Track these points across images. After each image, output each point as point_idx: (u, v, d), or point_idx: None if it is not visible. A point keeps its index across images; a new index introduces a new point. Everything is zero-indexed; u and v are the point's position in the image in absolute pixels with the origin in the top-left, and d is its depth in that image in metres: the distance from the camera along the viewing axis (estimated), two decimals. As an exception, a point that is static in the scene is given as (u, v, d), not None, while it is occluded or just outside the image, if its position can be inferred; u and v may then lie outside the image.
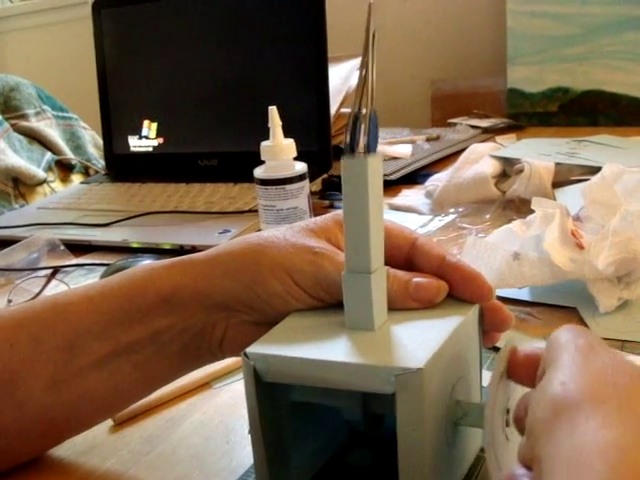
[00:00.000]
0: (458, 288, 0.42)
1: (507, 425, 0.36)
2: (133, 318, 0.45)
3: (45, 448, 0.50)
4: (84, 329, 0.45)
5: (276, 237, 0.44)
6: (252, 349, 0.38)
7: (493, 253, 0.63)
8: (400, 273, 0.42)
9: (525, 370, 0.35)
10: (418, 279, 0.42)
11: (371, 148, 0.37)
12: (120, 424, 0.54)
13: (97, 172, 1.48)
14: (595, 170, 0.78)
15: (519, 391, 0.40)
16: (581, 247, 0.61)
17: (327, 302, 0.43)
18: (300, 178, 0.79)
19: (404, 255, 0.44)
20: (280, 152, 0.79)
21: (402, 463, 0.35)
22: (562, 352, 0.32)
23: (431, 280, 0.42)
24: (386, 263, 0.40)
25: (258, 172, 0.80)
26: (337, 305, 0.41)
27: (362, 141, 0.37)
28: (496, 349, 0.56)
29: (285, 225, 0.47)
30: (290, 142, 0.80)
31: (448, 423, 0.38)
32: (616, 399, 0.28)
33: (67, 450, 0.51)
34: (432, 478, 0.36)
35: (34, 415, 0.46)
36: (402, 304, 0.42)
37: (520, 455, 0.31)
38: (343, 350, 0.37)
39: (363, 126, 0.37)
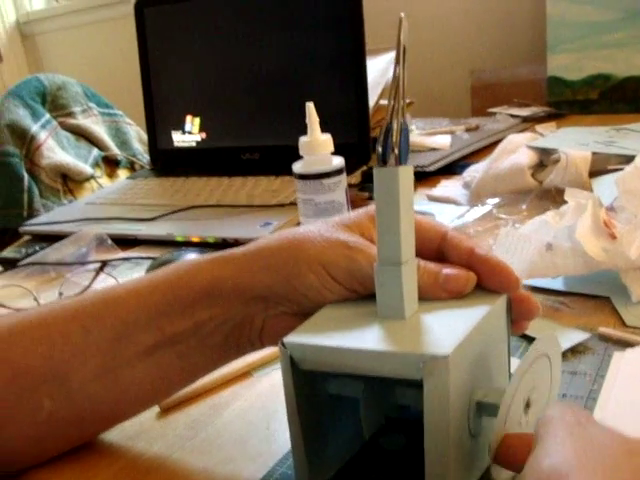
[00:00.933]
0: (486, 279, 0.44)
1: (525, 414, 0.38)
2: (177, 311, 0.47)
3: (96, 433, 0.52)
4: (131, 321, 0.48)
5: (312, 232, 0.46)
6: (289, 339, 0.40)
7: (526, 244, 0.64)
8: (430, 265, 0.44)
9: (520, 456, 0.35)
10: (448, 270, 0.43)
11: (402, 159, 0.39)
12: (166, 411, 0.56)
13: (142, 167, 1.52)
14: (632, 159, 0.79)
15: (546, 382, 0.41)
16: (613, 237, 0.62)
17: (361, 294, 0.45)
18: (337, 172, 0.81)
19: (435, 247, 0.46)
20: (317, 147, 0.81)
21: (428, 447, 0.37)
22: (549, 429, 0.32)
23: (460, 271, 0.44)
24: (417, 255, 0.42)
25: (297, 167, 0.82)
26: (370, 297, 0.43)
27: (394, 152, 0.39)
28: (525, 337, 0.58)
29: (321, 220, 0.49)
30: (327, 137, 0.82)
31: (472, 412, 0.39)
32: (601, 470, 0.28)
33: (117, 435, 0.53)
34: (456, 462, 0.37)
35: (85, 402, 0.48)
36: (432, 294, 0.43)
37: None
38: (374, 339, 0.39)
39: (395, 137, 0.39)
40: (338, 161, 0.82)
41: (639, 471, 0.29)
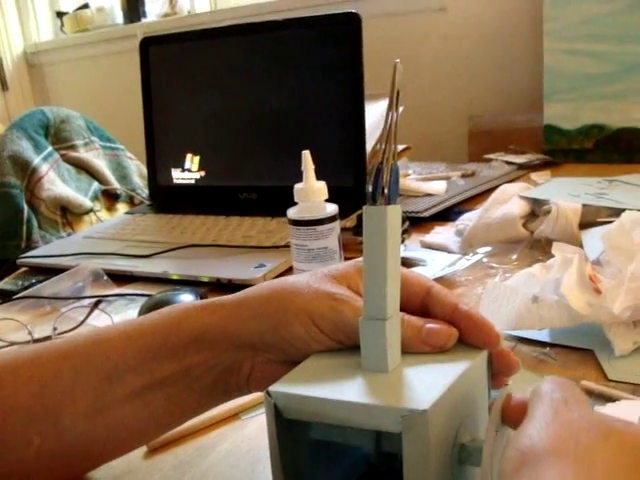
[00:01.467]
0: (468, 334, 0.45)
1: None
2: (167, 354, 0.48)
3: (84, 471, 0.53)
4: (122, 363, 0.48)
5: (300, 283, 0.48)
6: (274, 388, 0.41)
7: (513, 296, 0.65)
8: (414, 319, 0.45)
9: (517, 416, 0.37)
10: (431, 325, 0.45)
11: (391, 199, 0.40)
12: (153, 451, 0.57)
13: (142, 201, 1.53)
14: (622, 212, 0.80)
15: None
16: (598, 292, 0.63)
17: (346, 344, 0.46)
18: (331, 219, 0.82)
19: (419, 301, 0.47)
20: (312, 194, 0.82)
21: None
22: (538, 404, 0.35)
23: (443, 327, 0.45)
24: (402, 309, 0.43)
25: (291, 213, 0.83)
26: (355, 347, 0.44)
27: (384, 192, 0.40)
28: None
29: (317, 266, 0.51)
30: (322, 185, 0.83)
31: (454, 462, 0.40)
32: (574, 455, 0.30)
33: (104, 473, 0.53)
34: None
35: (74, 441, 0.49)
36: (415, 348, 0.44)
37: None
38: (357, 391, 0.40)
39: (385, 178, 0.40)
40: (332, 208, 0.83)
41: (612, 456, 0.31)
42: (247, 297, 0.49)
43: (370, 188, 0.40)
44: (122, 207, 1.56)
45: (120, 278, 1.02)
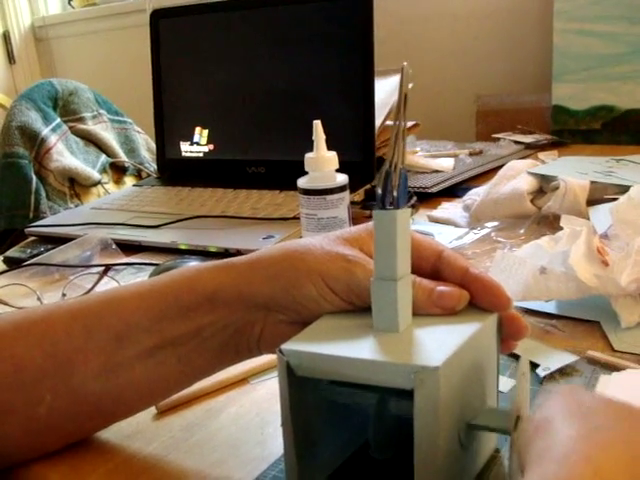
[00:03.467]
0: (478, 297, 0.45)
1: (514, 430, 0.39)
2: (178, 314, 0.49)
3: (94, 430, 0.54)
4: (133, 323, 0.49)
5: (313, 245, 0.48)
6: (286, 346, 0.42)
7: (521, 267, 0.65)
8: (425, 281, 0.46)
9: None
10: (442, 287, 0.45)
11: (400, 203, 0.41)
12: (163, 412, 0.57)
13: (149, 175, 1.54)
14: (629, 189, 0.80)
15: (526, 398, 0.43)
16: (606, 264, 0.64)
17: (357, 306, 0.46)
18: (341, 189, 0.82)
19: (431, 265, 0.47)
20: (322, 164, 0.83)
21: (417, 456, 0.38)
22: (545, 399, 0.36)
23: (454, 289, 0.45)
24: (413, 272, 0.44)
25: (301, 182, 0.84)
26: (366, 309, 0.45)
27: (392, 195, 0.41)
28: (514, 356, 0.59)
29: (322, 234, 0.51)
30: (332, 155, 0.83)
31: (462, 423, 0.41)
32: (581, 415, 0.33)
33: (114, 433, 0.54)
34: (445, 472, 0.39)
35: (85, 399, 0.49)
36: (426, 310, 0.45)
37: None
38: (369, 349, 0.41)
39: (394, 182, 0.41)
40: (342, 178, 0.83)
41: (618, 415, 0.33)
42: (260, 258, 0.49)
43: (380, 192, 0.41)
44: (129, 180, 1.57)
45: (128, 248, 1.03)
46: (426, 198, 1.14)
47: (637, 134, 1.50)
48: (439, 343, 0.40)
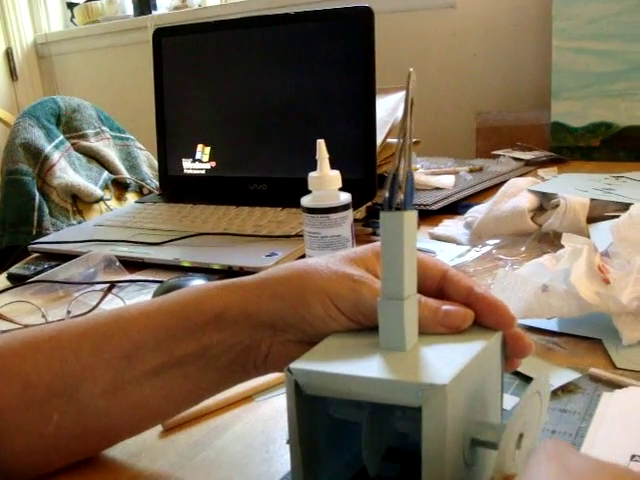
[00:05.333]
0: (483, 316, 0.46)
1: (517, 448, 0.40)
2: (186, 333, 0.49)
3: (100, 449, 0.54)
4: (141, 341, 0.49)
5: (319, 265, 0.48)
6: (295, 365, 0.42)
7: (523, 285, 0.66)
8: (431, 301, 0.46)
9: None
10: (447, 307, 0.46)
11: (407, 205, 0.41)
12: (169, 430, 0.58)
13: (150, 191, 1.55)
14: (629, 206, 0.81)
15: (536, 417, 0.43)
16: (607, 282, 0.65)
17: (364, 325, 0.47)
18: (344, 208, 0.83)
19: (436, 284, 0.48)
20: (326, 183, 0.83)
21: (425, 472, 0.38)
22: (531, 459, 0.34)
23: (459, 308, 0.46)
24: (419, 291, 0.44)
25: (305, 201, 0.84)
26: (372, 328, 0.45)
27: (399, 198, 0.41)
28: (517, 374, 0.60)
29: (328, 253, 0.51)
30: (336, 173, 0.84)
31: (467, 440, 0.41)
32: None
33: (120, 451, 0.54)
34: None
35: (92, 418, 0.50)
36: (432, 329, 0.45)
37: None
38: (376, 367, 0.41)
39: (401, 184, 0.41)
40: (345, 197, 0.84)
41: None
42: (267, 277, 0.50)
43: (387, 194, 0.41)
44: (131, 196, 1.58)
45: (132, 265, 1.03)
46: (427, 215, 1.15)
47: (635, 151, 1.52)
48: (445, 361, 0.41)
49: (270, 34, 1.25)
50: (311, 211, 0.83)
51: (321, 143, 0.83)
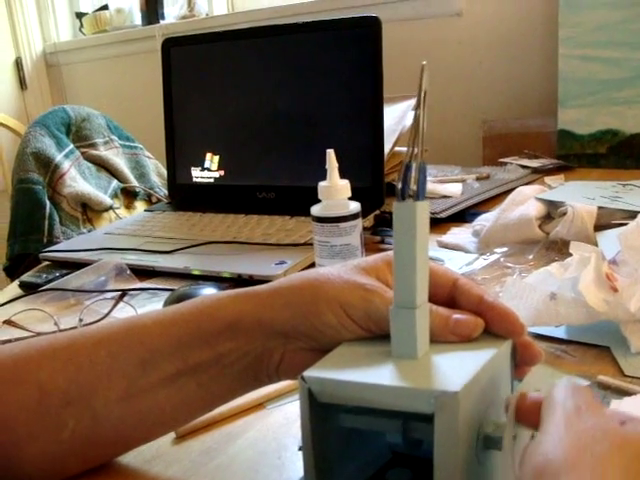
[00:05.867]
0: (493, 324, 0.47)
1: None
2: (200, 341, 0.50)
3: (115, 455, 0.54)
4: (156, 349, 0.50)
5: (331, 274, 0.49)
6: (308, 373, 0.43)
7: (531, 293, 0.67)
8: (442, 309, 0.47)
9: (531, 415, 0.39)
10: (458, 315, 0.46)
11: (420, 195, 0.42)
12: (182, 437, 0.58)
13: (159, 200, 1.56)
14: (636, 214, 0.82)
15: None
16: (615, 290, 0.65)
17: (375, 333, 0.48)
18: (354, 217, 0.84)
19: (446, 293, 0.49)
20: (336, 192, 0.84)
21: (437, 478, 0.39)
22: (551, 414, 0.36)
23: (469, 317, 0.47)
24: (430, 300, 0.45)
25: (315, 210, 0.85)
26: (384, 336, 0.46)
27: (412, 188, 0.42)
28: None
29: (339, 262, 0.52)
30: (345, 183, 0.85)
31: (480, 444, 0.42)
32: (590, 466, 0.31)
33: (134, 457, 0.55)
34: None
35: (107, 425, 0.50)
36: (443, 337, 0.46)
37: None
38: (389, 375, 0.42)
39: (414, 175, 0.42)
40: (355, 206, 0.85)
41: (627, 466, 0.32)
42: (280, 287, 0.50)
43: (400, 185, 0.42)
44: (140, 205, 1.59)
45: (142, 273, 1.04)
46: (435, 224, 1.15)
47: (642, 158, 1.52)
48: (457, 369, 0.42)
49: (278, 44, 1.26)
50: (321, 220, 0.83)
51: (331, 153, 0.84)
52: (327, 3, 2.08)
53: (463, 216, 1.19)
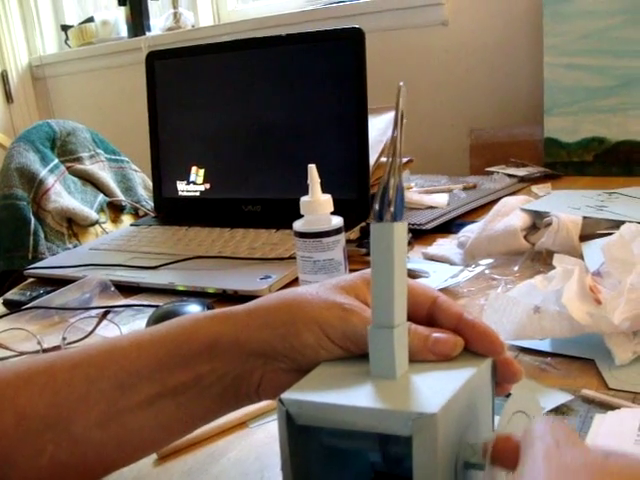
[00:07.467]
0: (473, 343, 0.46)
1: None
2: (179, 363, 0.49)
3: (95, 478, 0.53)
4: (134, 372, 0.50)
5: (309, 293, 0.49)
6: (286, 395, 0.43)
7: (515, 307, 0.66)
8: (421, 328, 0.47)
9: (510, 457, 0.37)
10: (437, 334, 0.46)
11: (397, 217, 0.42)
12: (163, 458, 0.58)
13: (147, 213, 1.55)
14: (621, 224, 0.82)
15: None
16: (599, 302, 0.65)
17: (354, 353, 0.47)
18: (336, 232, 0.83)
19: (425, 311, 0.49)
20: (318, 207, 0.84)
21: None
22: (529, 451, 0.34)
23: (449, 336, 0.46)
24: (409, 319, 0.45)
25: (297, 225, 0.85)
26: (363, 355, 0.46)
27: (390, 209, 0.42)
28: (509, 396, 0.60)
29: (322, 277, 0.52)
30: (328, 198, 0.85)
31: (460, 465, 0.41)
32: None
33: (115, 480, 0.55)
34: None
35: (87, 448, 0.50)
36: (422, 356, 0.46)
37: None
38: (367, 396, 0.42)
39: (391, 195, 0.42)
40: (337, 221, 0.84)
41: None
42: (258, 307, 0.50)
43: (377, 206, 0.42)
44: (127, 219, 1.58)
45: (127, 289, 1.03)
46: (421, 235, 1.15)
47: (628, 165, 1.52)
48: (436, 389, 0.41)
49: (262, 56, 1.26)
50: (303, 235, 0.83)
51: (312, 168, 0.84)
52: (314, 13, 2.09)
53: (449, 227, 1.19)
